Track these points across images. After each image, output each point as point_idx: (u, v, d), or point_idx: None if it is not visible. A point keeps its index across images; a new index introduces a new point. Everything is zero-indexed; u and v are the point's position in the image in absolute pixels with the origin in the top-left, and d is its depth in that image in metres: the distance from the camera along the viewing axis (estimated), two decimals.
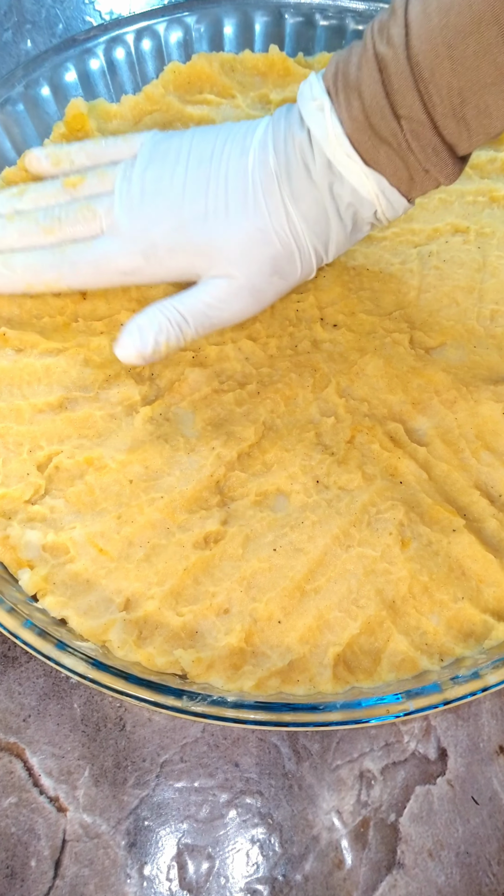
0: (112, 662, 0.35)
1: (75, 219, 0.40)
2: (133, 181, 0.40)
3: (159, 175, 0.39)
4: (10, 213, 0.41)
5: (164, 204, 0.39)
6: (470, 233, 0.48)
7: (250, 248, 0.38)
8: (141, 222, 0.39)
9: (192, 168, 0.39)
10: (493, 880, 0.38)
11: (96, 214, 0.40)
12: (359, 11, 0.52)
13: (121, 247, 0.40)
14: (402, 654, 0.37)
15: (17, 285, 0.42)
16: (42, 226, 0.40)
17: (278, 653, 0.37)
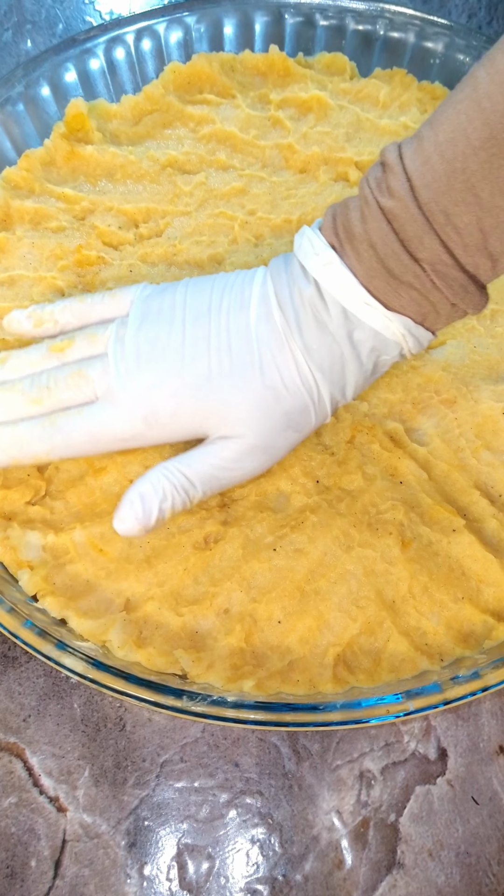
0: (112, 662, 0.35)
1: (66, 386, 0.37)
2: (127, 342, 0.37)
3: (155, 335, 0.37)
4: None
5: (163, 366, 0.36)
6: None
7: (261, 407, 0.36)
8: (139, 387, 0.36)
9: (189, 326, 0.37)
10: (494, 880, 0.38)
11: (89, 380, 0.37)
12: (359, 11, 0.52)
13: (119, 414, 0.36)
14: (401, 654, 0.37)
15: (4, 460, 0.37)
16: (29, 396, 0.37)
17: (278, 653, 0.37)
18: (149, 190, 0.49)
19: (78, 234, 0.46)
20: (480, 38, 0.51)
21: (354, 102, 0.52)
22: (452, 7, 0.63)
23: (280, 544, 0.38)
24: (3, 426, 0.37)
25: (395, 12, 0.52)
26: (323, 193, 0.49)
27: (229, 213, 0.48)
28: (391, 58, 0.54)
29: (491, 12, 0.63)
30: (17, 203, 0.47)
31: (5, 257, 0.45)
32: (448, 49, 0.52)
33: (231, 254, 0.46)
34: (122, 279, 0.45)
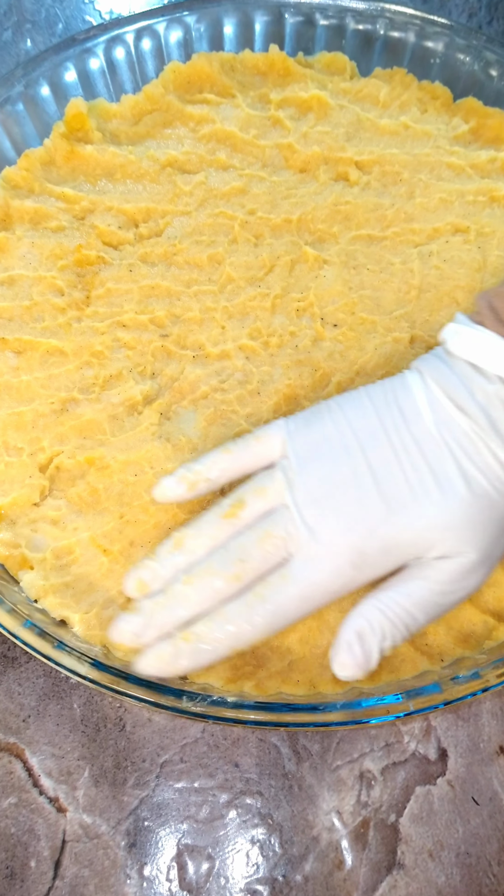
0: (112, 662, 0.35)
1: (262, 555, 0.34)
2: (302, 487, 0.34)
3: (330, 470, 0.34)
4: (183, 577, 0.34)
5: (356, 499, 0.34)
6: (470, 232, 0.48)
7: (476, 519, 0.33)
8: (336, 534, 0.33)
9: (368, 450, 0.34)
10: (494, 881, 0.37)
11: (278, 540, 0.34)
12: (359, 11, 0.52)
13: (324, 568, 0.33)
14: (402, 654, 0.37)
15: (217, 657, 0.33)
16: (226, 575, 0.34)
17: (278, 653, 0.37)
18: (148, 190, 0.48)
19: (78, 234, 0.46)
20: (481, 38, 0.51)
21: (354, 102, 0.52)
22: (453, 7, 0.63)
23: None
24: (212, 618, 0.33)
25: (395, 12, 0.52)
26: (323, 193, 0.49)
27: (229, 213, 0.48)
28: (391, 57, 0.53)
29: (491, 12, 0.63)
30: (17, 203, 0.47)
31: (5, 257, 0.45)
32: (448, 49, 0.52)
33: (231, 254, 0.46)
34: (122, 279, 0.45)
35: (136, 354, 0.43)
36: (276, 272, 0.46)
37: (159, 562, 0.35)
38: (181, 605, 0.34)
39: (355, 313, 0.45)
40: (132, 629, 0.34)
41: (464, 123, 0.52)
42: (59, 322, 0.44)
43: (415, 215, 0.48)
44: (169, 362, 0.43)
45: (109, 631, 0.34)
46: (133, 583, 0.35)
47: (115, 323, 0.44)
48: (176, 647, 0.33)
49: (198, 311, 0.45)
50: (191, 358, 0.44)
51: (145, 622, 0.34)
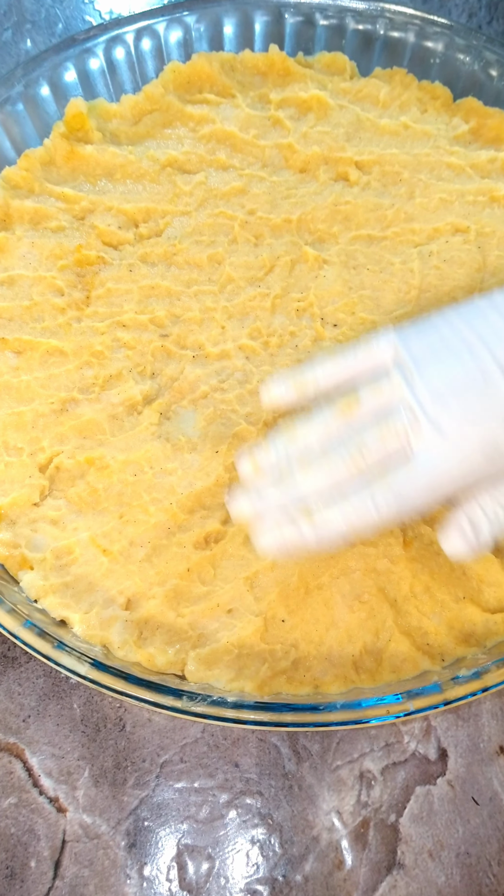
0: (112, 663, 0.35)
1: (379, 446, 0.33)
2: (422, 384, 0.34)
3: (453, 368, 0.34)
4: (299, 462, 0.34)
5: (483, 394, 0.33)
6: (470, 232, 0.48)
7: None
8: (465, 423, 0.33)
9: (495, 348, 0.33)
10: (494, 881, 0.37)
11: (399, 432, 0.33)
12: (359, 11, 0.52)
13: (453, 455, 0.33)
14: (403, 653, 0.37)
15: (340, 536, 0.33)
16: (347, 464, 0.33)
17: (282, 651, 0.36)
18: (148, 190, 0.49)
19: (78, 234, 0.46)
20: (480, 38, 0.51)
21: (354, 102, 0.52)
22: (452, 7, 0.63)
23: None
24: (334, 501, 0.33)
25: (395, 12, 0.52)
26: (323, 193, 0.49)
27: (229, 213, 0.48)
28: (391, 57, 0.53)
29: (491, 12, 0.63)
30: (17, 203, 0.47)
31: (5, 257, 0.45)
32: (448, 49, 0.52)
33: (231, 254, 0.46)
34: (122, 279, 0.45)
35: (136, 354, 0.43)
36: (276, 272, 0.46)
37: (273, 448, 0.35)
38: (299, 487, 0.34)
39: (355, 313, 0.45)
40: (253, 507, 0.34)
41: (464, 123, 0.52)
42: (59, 322, 0.44)
43: (415, 215, 0.48)
44: (169, 362, 0.43)
45: (229, 504, 0.34)
46: (248, 465, 0.35)
47: (114, 323, 0.44)
48: (298, 528, 0.33)
49: (198, 311, 0.45)
50: (191, 358, 0.44)
51: (262, 500, 0.34)
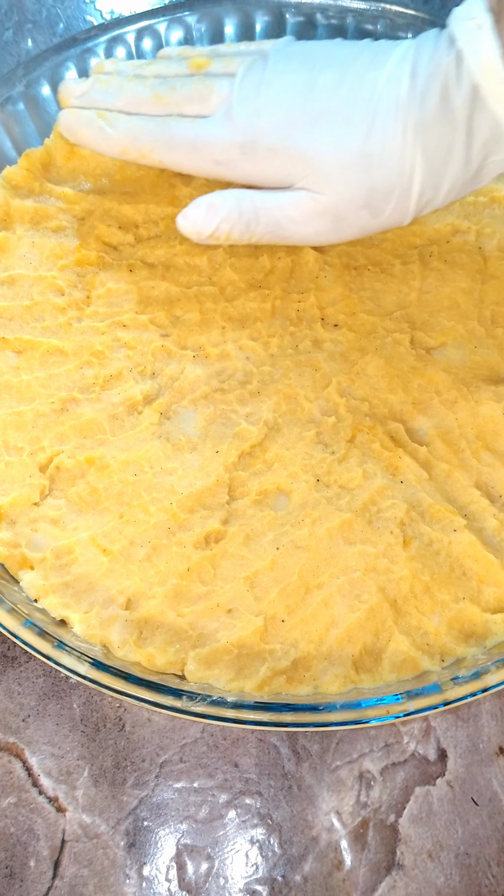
0: (112, 662, 0.35)
1: (189, 93, 0.39)
2: (257, 72, 0.38)
3: (284, 71, 0.38)
4: (130, 77, 0.41)
5: (279, 100, 0.37)
6: (471, 233, 0.48)
7: (350, 171, 0.36)
8: (249, 113, 0.38)
9: (317, 71, 0.37)
10: (493, 882, 0.37)
11: (211, 93, 0.39)
12: (360, 11, 0.52)
13: (222, 134, 0.38)
14: (403, 654, 0.37)
15: (113, 147, 0.41)
16: (155, 93, 0.40)
17: (282, 651, 0.37)
18: (149, 191, 0.49)
19: (78, 234, 0.46)
20: None
21: None
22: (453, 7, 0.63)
23: (281, 542, 0.38)
24: (123, 115, 0.41)
25: (396, 12, 0.52)
26: None
27: None
28: None
29: None
30: (18, 203, 0.47)
31: (5, 257, 0.45)
32: None
33: (231, 255, 0.47)
34: (122, 279, 0.45)
35: (137, 354, 0.43)
36: (277, 273, 0.46)
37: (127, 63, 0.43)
38: (113, 93, 0.41)
39: (356, 314, 0.45)
40: (76, 86, 0.42)
41: None
42: (60, 322, 0.44)
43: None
44: (169, 362, 0.43)
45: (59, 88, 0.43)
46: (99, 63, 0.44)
47: (115, 323, 0.44)
48: (90, 117, 0.41)
49: (198, 311, 0.45)
50: (191, 358, 0.44)
51: (86, 89, 0.42)
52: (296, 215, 0.38)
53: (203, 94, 0.39)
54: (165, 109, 0.40)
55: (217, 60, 0.41)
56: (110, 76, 0.42)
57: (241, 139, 0.38)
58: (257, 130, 0.38)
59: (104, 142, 0.41)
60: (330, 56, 0.37)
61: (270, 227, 0.38)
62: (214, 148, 0.39)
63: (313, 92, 0.36)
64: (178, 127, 0.39)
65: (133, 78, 0.41)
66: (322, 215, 0.38)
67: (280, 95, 0.37)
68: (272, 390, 0.43)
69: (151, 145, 0.40)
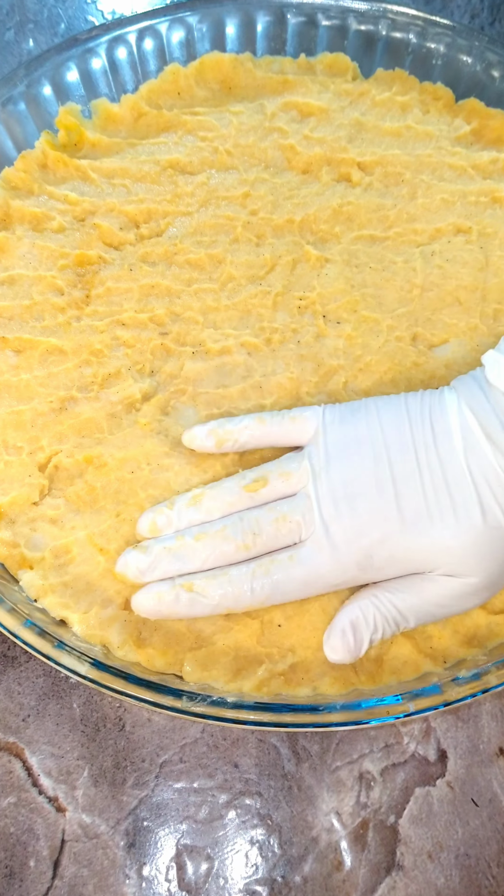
0: (112, 662, 0.35)
1: (272, 532, 0.36)
2: (325, 481, 0.36)
3: (356, 472, 0.36)
4: (196, 532, 0.37)
5: (374, 507, 0.35)
6: (472, 233, 0.48)
7: (487, 549, 0.34)
8: (349, 534, 0.35)
9: (395, 462, 0.35)
10: (493, 882, 0.37)
11: (293, 524, 0.36)
12: (361, 12, 0.52)
13: (331, 563, 0.35)
14: (405, 656, 0.37)
15: (214, 610, 0.36)
16: (237, 543, 0.36)
17: (279, 655, 0.36)
18: (150, 190, 0.49)
19: (78, 234, 0.46)
20: (483, 39, 0.51)
21: (356, 103, 0.52)
22: (455, 8, 0.63)
23: None
24: (215, 576, 0.36)
25: (397, 13, 0.52)
26: (325, 194, 0.48)
27: (231, 214, 0.48)
28: (393, 58, 0.53)
29: (493, 13, 0.63)
30: (17, 203, 0.47)
31: (5, 257, 0.45)
32: (450, 50, 0.52)
33: (231, 253, 0.46)
34: (122, 278, 0.45)
35: (135, 353, 0.43)
36: (278, 271, 0.46)
37: (175, 511, 0.37)
38: (188, 557, 0.36)
39: (358, 311, 0.45)
40: (138, 565, 0.36)
41: (466, 124, 0.51)
42: (59, 321, 0.44)
43: (417, 216, 0.48)
44: (168, 359, 0.43)
45: (118, 562, 0.36)
46: (147, 523, 0.37)
47: (114, 322, 0.44)
48: (176, 593, 0.35)
49: (198, 309, 0.45)
50: (190, 354, 0.44)
51: (151, 563, 0.36)
52: (448, 601, 0.35)
53: (284, 529, 0.36)
54: (254, 553, 0.36)
55: (273, 477, 0.37)
56: (175, 540, 0.36)
57: (353, 560, 0.35)
58: (366, 548, 0.35)
59: (200, 611, 0.36)
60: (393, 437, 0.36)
61: (423, 618, 0.36)
62: (328, 578, 0.35)
63: (405, 487, 0.35)
64: (281, 572, 0.35)
65: (202, 535, 0.36)
66: (477, 593, 0.35)
67: (372, 504, 0.35)
68: (274, 384, 0.43)
69: (261, 599, 0.35)
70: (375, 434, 0.36)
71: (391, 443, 0.36)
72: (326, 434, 0.37)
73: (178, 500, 0.38)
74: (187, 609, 0.35)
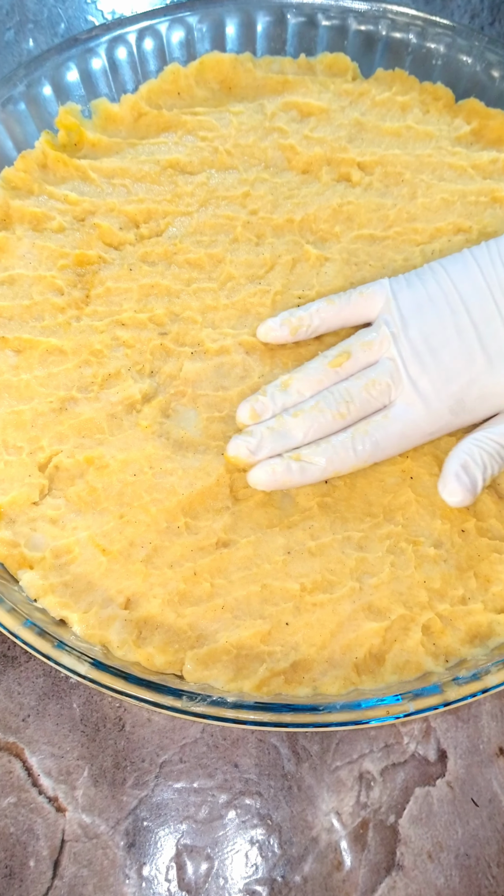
0: (112, 662, 0.35)
1: (367, 399, 0.39)
2: (406, 342, 0.39)
3: (435, 325, 0.38)
4: (292, 411, 0.40)
5: (458, 353, 0.38)
6: (472, 232, 0.48)
7: None
8: (438, 383, 0.38)
9: (472, 308, 0.38)
10: (493, 882, 0.37)
11: (382, 386, 0.39)
12: (361, 12, 0.52)
13: (424, 412, 0.39)
14: (407, 654, 0.37)
15: (326, 475, 0.39)
16: (334, 413, 0.39)
17: (282, 653, 0.36)
18: (150, 190, 0.49)
19: (78, 234, 0.46)
20: (483, 39, 0.51)
21: (356, 103, 0.52)
22: (455, 8, 0.63)
23: (290, 545, 0.38)
24: (319, 444, 0.39)
25: (397, 13, 0.52)
26: (325, 194, 0.49)
27: (231, 214, 0.48)
28: (393, 58, 0.53)
29: (493, 13, 0.63)
30: (17, 203, 0.47)
31: (5, 257, 0.45)
32: (450, 50, 0.52)
33: (231, 252, 0.46)
34: (122, 278, 0.45)
35: (135, 353, 0.43)
36: (277, 270, 0.46)
37: (269, 397, 0.40)
38: (290, 433, 0.39)
39: None
40: (248, 446, 0.39)
41: (465, 124, 0.51)
42: (59, 321, 0.44)
43: (417, 215, 0.48)
44: (167, 360, 0.43)
45: (228, 448, 0.40)
46: (246, 411, 0.40)
47: (114, 322, 0.44)
48: (287, 464, 0.39)
49: (197, 308, 0.45)
50: (189, 354, 0.44)
51: (259, 443, 0.39)
52: None
53: (379, 392, 0.39)
54: (350, 420, 0.39)
55: (355, 349, 0.40)
56: (276, 420, 0.39)
57: (446, 406, 0.39)
58: (456, 393, 0.38)
59: (311, 476, 0.39)
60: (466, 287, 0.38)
61: None
62: (424, 427, 0.39)
63: (486, 328, 0.38)
64: (379, 430, 0.39)
65: (299, 412, 0.39)
66: None
67: (454, 350, 0.38)
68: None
69: (363, 459, 0.39)
70: (447, 287, 0.39)
71: (464, 291, 0.38)
72: (398, 300, 0.40)
73: (268, 388, 0.41)
74: (300, 476, 0.39)
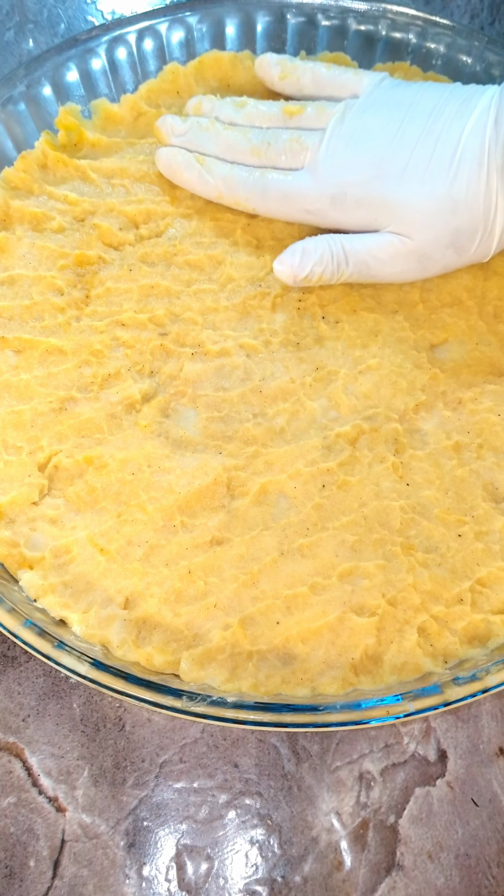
0: (111, 662, 0.35)
1: (283, 149, 0.42)
2: (347, 124, 0.41)
3: (374, 123, 0.40)
4: (227, 124, 0.44)
5: (368, 154, 0.40)
6: None
7: (436, 215, 0.39)
8: (339, 168, 0.40)
9: (407, 121, 0.39)
10: (493, 882, 0.37)
11: (303, 148, 0.42)
12: (361, 12, 0.52)
13: (313, 187, 0.41)
14: (405, 656, 0.37)
15: (210, 191, 0.44)
16: (252, 146, 0.43)
17: (276, 654, 0.36)
18: (149, 191, 0.49)
19: (78, 235, 0.46)
20: (483, 39, 0.51)
21: None
22: (455, 8, 0.63)
23: (281, 544, 0.38)
24: (222, 163, 0.43)
25: (397, 13, 0.52)
26: None
27: (231, 216, 0.48)
28: (393, 58, 0.53)
29: (493, 13, 0.63)
30: (17, 203, 0.47)
31: (5, 257, 0.45)
32: (450, 50, 0.52)
33: (231, 254, 0.46)
34: (122, 278, 0.45)
35: (135, 353, 0.43)
36: None
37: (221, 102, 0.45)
38: (212, 140, 0.44)
39: (357, 311, 0.45)
40: (174, 126, 0.44)
41: None
42: (59, 321, 0.44)
43: None
44: (168, 360, 0.43)
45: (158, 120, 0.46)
46: (194, 102, 0.46)
47: (114, 322, 0.44)
48: (190, 159, 0.43)
49: (197, 309, 0.45)
50: (189, 355, 0.44)
51: (184, 129, 0.44)
52: (384, 257, 0.41)
53: (296, 150, 0.42)
54: (260, 162, 0.43)
55: (311, 108, 0.43)
56: (209, 121, 0.44)
57: (330, 192, 0.41)
58: (345, 184, 0.40)
59: (201, 186, 0.44)
60: (418, 104, 0.40)
61: (359, 267, 0.41)
62: (305, 200, 0.42)
63: (401, 144, 0.39)
64: (272, 180, 0.42)
65: (231, 127, 0.44)
66: (409, 256, 0.41)
67: (369, 150, 0.40)
68: (274, 387, 0.43)
69: (246, 196, 0.43)
70: (408, 98, 0.40)
71: (415, 107, 0.40)
72: (375, 91, 0.42)
73: (228, 98, 0.45)
74: (193, 179, 0.44)
